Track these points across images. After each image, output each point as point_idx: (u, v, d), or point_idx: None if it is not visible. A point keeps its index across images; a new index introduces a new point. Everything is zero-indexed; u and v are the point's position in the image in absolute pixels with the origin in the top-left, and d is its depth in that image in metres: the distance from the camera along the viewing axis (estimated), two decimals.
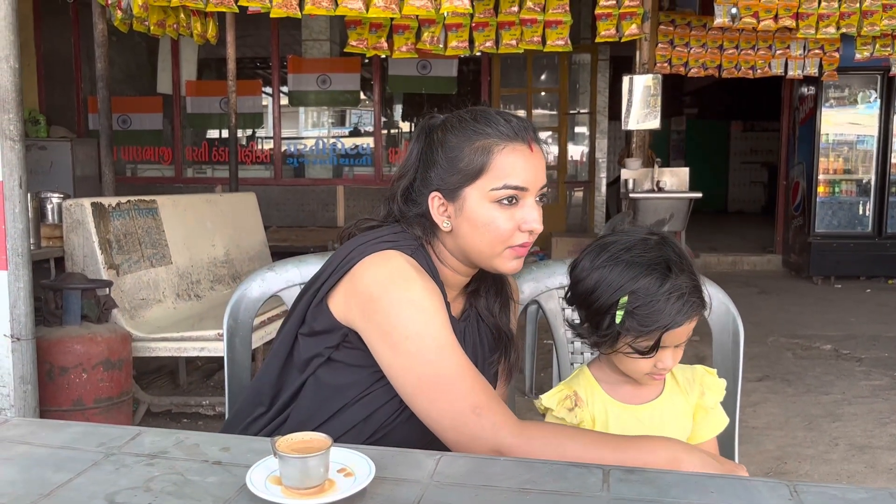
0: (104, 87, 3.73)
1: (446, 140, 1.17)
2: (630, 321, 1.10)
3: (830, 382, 4.03)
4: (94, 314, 2.81)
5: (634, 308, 1.10)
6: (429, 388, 1.08)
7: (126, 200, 3.29)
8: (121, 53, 8.31)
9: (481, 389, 1.08)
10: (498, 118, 1.16)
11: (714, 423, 1.25)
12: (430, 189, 1.18)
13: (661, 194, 5.32)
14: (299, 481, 0.85)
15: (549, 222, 8.11)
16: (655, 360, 1.13)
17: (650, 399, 1.22)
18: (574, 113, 8.92)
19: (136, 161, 8.62)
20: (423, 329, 1.09)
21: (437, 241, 1.22)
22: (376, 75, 8.33)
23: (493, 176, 1.14)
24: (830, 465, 2.98)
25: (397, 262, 1.13)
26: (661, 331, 1.09)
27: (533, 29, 5.30)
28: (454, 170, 1.15)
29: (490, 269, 1.20)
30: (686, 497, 0.85)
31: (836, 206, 7.17)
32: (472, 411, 1.06)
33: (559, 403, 1.20)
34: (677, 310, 1.09)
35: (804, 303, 6.29)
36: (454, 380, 1.08)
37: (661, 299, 1.09)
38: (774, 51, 6.62)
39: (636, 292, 1.10)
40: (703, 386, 1.24)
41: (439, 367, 1.08)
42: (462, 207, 1.16)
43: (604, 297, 1.13)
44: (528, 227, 1.15)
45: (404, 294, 1.10)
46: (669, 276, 1.10)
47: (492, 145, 1.14)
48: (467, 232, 1.16)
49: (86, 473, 0.91)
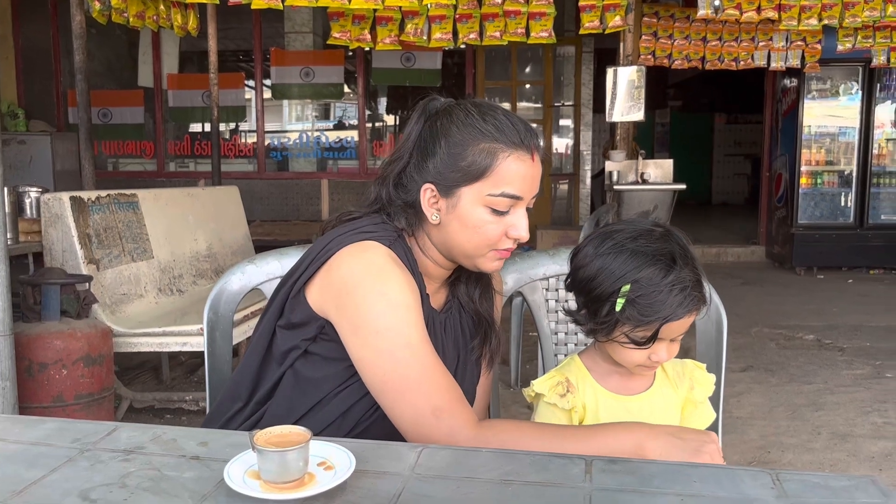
0: (83, 80, 3.68)
1: (450, 133, 1.14)
2: (630, 310, 1.10)
3: (813, 372, 4.07)
4: (73, 309, 2.77)
5: (636, 297, 1.09)
6: (393, 386, 1.08)
7: (106, 194, 3.25)
8: (101, 46, 8.22)
9: (444, 391, 1.08)
10: (506, 121, 1.14)
11: (702, 417, 1.25)
12: (425, 179, 1.16)
13: (646, 186, 5.33)
14: (278, 475, 0.84)
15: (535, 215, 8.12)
16: (650, 351, 1.13)
17: (640, 391, 1.22)
18: (558, 105, 8.92)
19: (118, 155, 8.53)
20: (393, 325, 1.08)
21: (421, 232, 1.20)
22: (360, 68, 8.29)
23: (493, 182, 1.12)
24: (813, 453, 3.01)
25: (374, 253, 1.12)
26: (661, 322, 1.09)
27: (517, 21, 5.28)
28: (455, 167, 1.13)
29: (471, 267, 1.20)
30: (669, 487, 0.85)
31: (819, 198, 7.22)
32: (432, 413, 1.06)
33: (551, 389, 1.19)
34: (678, 302, 1.08)
35: (787, 293, 6.34)
36: (418, 380, 1.07)
37: (663, 290, 1.08)
38: (757, 43, 6.65)
39: (639, 281, 1.09)
40: (692, 380, 1.24)
41: (405, 366, 1.07)
42: (455, 206, 1.14)
43: (605, 284, 1.12)
44: (515, 235, 1.16)
45: (378, 288, 1.09)
46: (674, 268, 1.09)
47: (498, 151, 1.12)
48: (456, 230, 1.15)
49: (60, 470, 0.89)
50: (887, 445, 3.06)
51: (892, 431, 3.21)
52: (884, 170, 7.20)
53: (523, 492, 0.84)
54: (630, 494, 0.83)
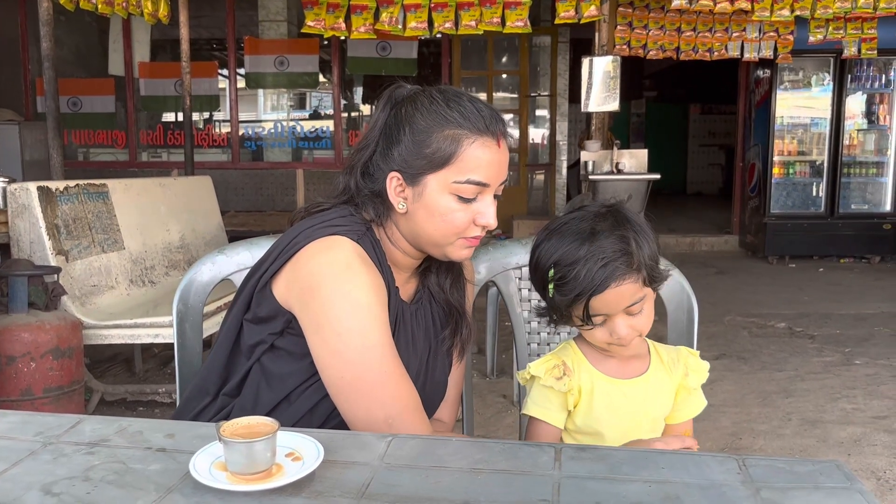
0: (50, 68, 3.61)
1: (415, 120, 1.13)
2: (557, 293, 1.10)
3: (784, 360, 4.12)
4: (41, 301, 2.72)
5: (559, 278, 1.09)
6: (348, 390, 1.07)
7: (75, 184, 3.19)
8: (70, 34, 8.07)
9: (400, 400, 1.07)
10: (471, 107, 1.13)
11: (694, 404, 1.26)
12: (391, 167, 1.14)
13: (620, 176, 5.36)
14: (245, 466, 0.83)
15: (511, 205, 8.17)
16: (609, 328, 1.13)
17: (635, 375, 1.21)
18: (535, 95, 8.93)
19: (89, 145, 8.39)
20: (354, 328, 1.07)
21: (389, 222, 1.19)
22: (335, 57, 8.23)
23: (458, 168, 1.11)
24: (783, 439, 3.05)
25: (341, 250, 1.10)
26: (585, 297, 1.08)
27: (492, 10, 5.28)
28: (420, 154, 1.12)
29: (440, 256, 1.19)
30: (637, 473, 0.85)
31: (791, 188, 7.31)
32: (385, 421, 1.06)
33: (547, 372, 1.18)
34: (595, 273, 1.07)
35: (760, 282, 6.42)
36: (374, 386, 1.07)
37: (578, 265, 1.08)
38: (731, 33, 6.71)
39: (558, 262, 1.10)
40: (686, 367, 1.24)
41: (362, 371, 1.07)
42: (421, 194, 1.13)
43: (539, 270, 1.14)
44: (482, 222, 1.14)
45: (342, 288, 1.07)
46: (587, 242, 1.09)
47: (462, 137, 1.11)
48: (423, 218, 1.14)
49: (21, 464, 0.88)
50: (856, 431, 3.11)
51: (861, 417, 3.27)
52: (854, 160, 7.31)
53: (492, 480, 0.84)
54: (599, 481, 0.84)
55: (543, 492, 0.81)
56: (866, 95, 7.27)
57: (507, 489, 0.82)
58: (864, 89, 7.24)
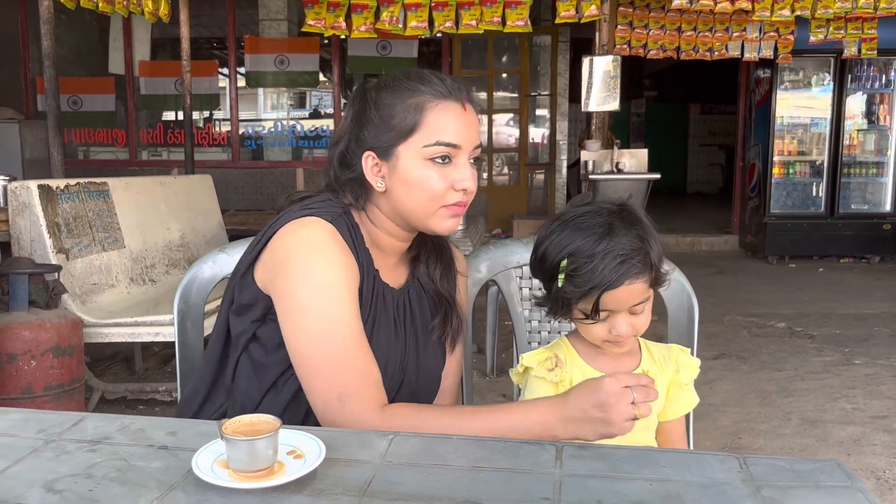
0: (51, 67, 3.60)
1: (380, 98, 1.15)
2: (568, 284, 1.10)
3: (784, 359, 4.13)
4: (42, 300, 2.73)
5: (572, 270, 1.10)
6: (307, 366, 1.08)
7: (75, 183, 3.19)
8: (70, 32, 8.06)
9: (355, 375, 1.07)
10: (432, 77, 1.15)
11: (686, 401, 1.27)
12: (364, 149, 1.16)
13: (621, 175, 5.37)
14: (247, 464, 0.83)
15: (511, 204, 8.17)
16: (609, 325, 1.14)
17: (627, 371, 1.22)
18: (535, 95, 8.93)
19: (89, 143, 8.39)
20: (315, 304, 1.08)
21: (371, 205, 1.20)
22: (335, 56, 8.22)
23: (426, 133, 1.12)
24: (783, 439, 3.05)
25: (312, 228, 1.11)
26: (598, 291, 1.09)
27: (493, 9, 5.28)
28: (387, 127, 1.14)
29: (426, 229, 1.19)
30: (638, 472, 0.86)
31: (791, 187, 7.31)
32: (338, 398, 1.06)
33: (540, 364, 1.19)
34: (612, 269, 1.08)
35: (760, 282, 6.42)
36: (329, 363, 1.07)
37: (595, 259, 1.08)
38: (731, 33, 6.71)
39: (574, 253, 1.10)
40: (678, 363, 1.25)
41: (319, 347, 1.07)
42: (396, 166, 1.14)
43: (549, 260, 1.13)
44: (461, 186, 1.14)
45: (307, 264, 1.09)
46: (606, 237, 1.09)
47: (425, 102, 1.13)
48: (401, 191, 1.15)
49: (24, 461, 0.88)
50: (855, 431, 3.12)
51: (861, 417, 3.27)
52: (854, 160, 7.30)
53: (494, 478, 0.84)
54: (600, 480, 0.84)
55: (545, 490, 0.81)
56: (866, 95, 7.27)
57: (508, 487, 0.82)
58: (865, 89, 7.24)
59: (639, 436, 1.23)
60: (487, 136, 8.65)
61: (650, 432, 1.26)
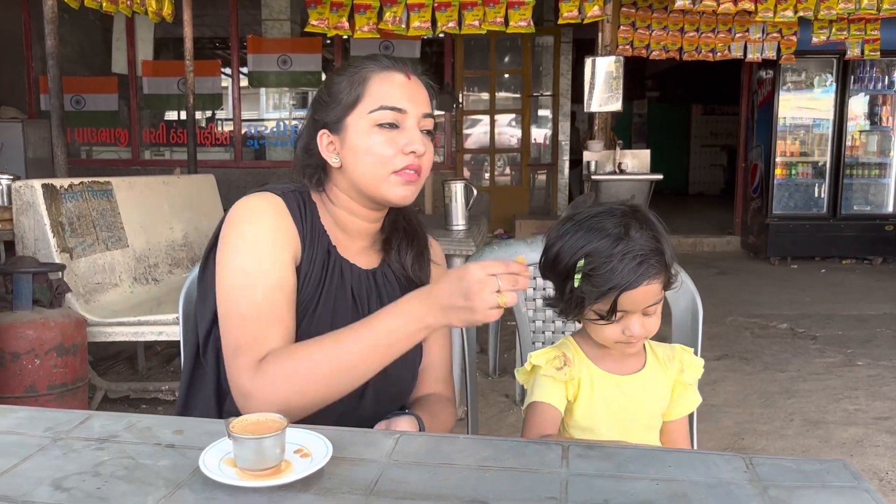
0: (55, 66, 3.60)
1: (330, 80, 1.22)
2: (586, 284, 1.11)
3: (786, 360, 4.12)
4: (46, 298, 2.73)
5: (590, 270, 1.10)
6: (221, 318, 1.12)
7: (79, 182, 3.20)
8: (74, 32, 8.07)
9: (254, 332, 1.08)
10: (378, 56, 1.21)
11: (689, 400, 1.27)
12: (318, 129, 1.20)
13: (623, 176, 5.36)
14: (254, 463, 0.84)
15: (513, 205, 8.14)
16: (622, 326, 1.14)
17: (633, 371, 1.23)
18: (537, 95, 8.92)
19: (92, 143, 8.39)
20: (237, 262, 1.11)
21: (331, 184, 1.22)
22: (338, 56, 8.22)
23: (370, 100, 1.16)
24: (786, 440, 3.05)
25: (256, 199, 1.16)
26: (617, 292, 1.10)
27: (496, 10, 5.28)
28: (335, 103, 1.19)
29: (381, 199, 1.19)
30: (644, 472, 0.86)
31: (793, 188, 7.31)
32: (233, 353, 1.08)
33: (548, 362, 1.20)
34: (630, 270, 1.09)
35: (762, 283, 6.42)
36: (235, 319, 1.09)
37: (614, 260, 1.09)
38: (734, 34, 6.70)
39: (591, 254, 1.11)
40: (682, 363, 1.26)
41: (231, 303, 1.10)
42: (345, 138, 1.18)
43: (564, 261, 1.14)
44: (409, 149, 1.16)
45: (240, 227, 1.13)
46: (624, 238, 1.10)
47: (369, 73, 1.18)
48: (352, 161, 1.17)
49: (32, 459, 0.88)
50: (858, 432, 3.12)
51: (863, 418, 3.27)
52: (856, 161, 7.30)
53: (500, 477, 0.84)
54: (606, 479, 0.84)
55: (551, 489, 0.81)
56: (869, 97, 7.27)
57: (514, 486, 0.82)
58: (867, 90, 7.23)
59: (643, 435, 1.23)
60: (490, 136, 8.65)
61: (654, 432, 1.26)
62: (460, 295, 0.98)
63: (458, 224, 3.40)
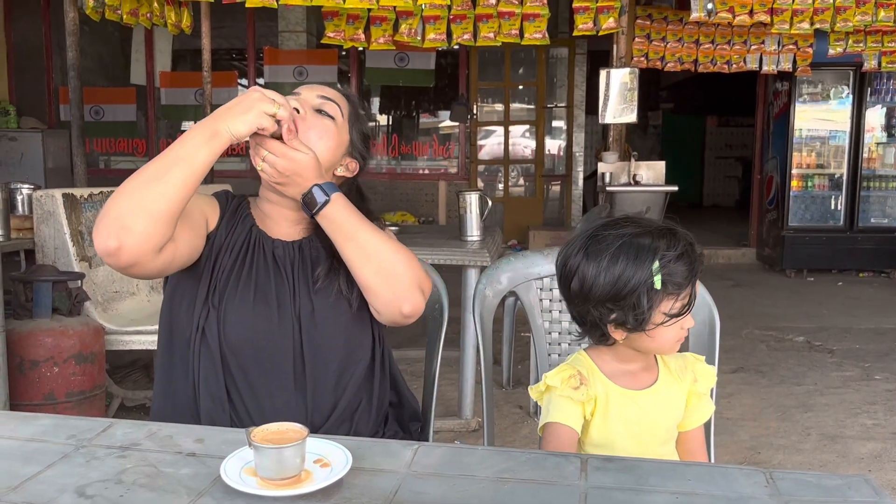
0: (75, 77, 3.66)
1: None
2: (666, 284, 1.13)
3: (803, 374, 4.09)
4: (65, 307, 2.76)
5: (664, 271, 1.13)
6: None
7: (98, 192, 3.23)
8: (93, 43, 8.17)
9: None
10: None
11: (704, 410, 1.27)
12: None
13: (638, 187, 5.35)
14: (275, 472, 0.84)
15: (527, 215, 8.11)
16: (679, 323, 1.16)
17: (647, 386, 1.23)
18: (551, 107, 8.94)
19: (110, 153, 8.49)
20: None
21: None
22: (353, 67, 8.28)
23: None
24: (803, 454, 3.02)
25: None
26: (692, 280, 1.15)
27: (511, 22, 5.29)
28: None
29: None
30: (664, 485, 0.86)
31: (809, 201, 7.26)
32: None
33: (563, 382, 1.19)
34: (694, 259, 1.16)
35: (778, 296, 6.37)
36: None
37: (680, 250, 1.14)
38: (749, 46, 6.68)
39: (658, 252, 1.13)
40: (695, 373, 1.26)
41: None
42: None
43: (632, 278, 1.12)
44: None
45: None
46: (672, 236, 1.16)
47: None
48: None
49: (55, 466, 0.89)
50: (876, 447, 3.08)
51: (881, 433, 3.24)
52: (874, 173, 7.25)
53: (519, 489, 0.85)
54: (625, 492, 0.84)
55: (570, 502, 0.81)
56: (886, 108, 7.21)
57: (533, 499, 0.82)
58: (884, 102, 7.18)
59: (659, 450, 1.23)
60: (504, 146, 8.66)
61: (671, 445, 1.26)
62: (232, 101, 1.22)
63: (473, 235, 3.40)
